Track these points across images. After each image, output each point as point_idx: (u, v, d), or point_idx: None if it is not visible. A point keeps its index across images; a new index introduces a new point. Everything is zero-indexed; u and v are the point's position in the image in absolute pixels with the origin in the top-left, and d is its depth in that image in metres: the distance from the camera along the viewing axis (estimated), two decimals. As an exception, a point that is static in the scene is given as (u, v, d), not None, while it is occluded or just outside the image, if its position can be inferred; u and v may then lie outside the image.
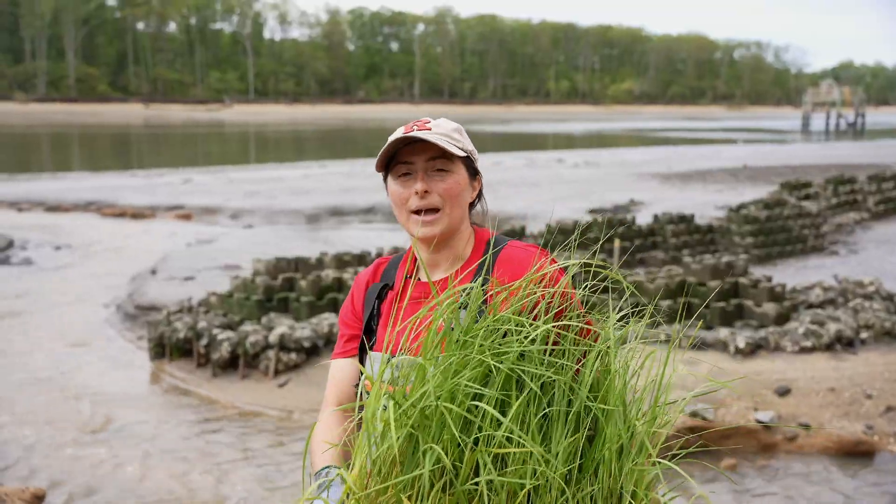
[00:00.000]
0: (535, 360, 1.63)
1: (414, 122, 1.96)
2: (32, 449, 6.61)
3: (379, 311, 2.02)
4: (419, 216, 1.92)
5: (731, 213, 14.19)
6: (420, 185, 1.90)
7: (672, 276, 8.72)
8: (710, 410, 6.54)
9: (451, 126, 1.97)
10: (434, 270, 2.00)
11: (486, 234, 2.05)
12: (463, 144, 1.95)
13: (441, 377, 1.57)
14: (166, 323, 8.77)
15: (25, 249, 15.08)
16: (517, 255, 1.94)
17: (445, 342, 1.64)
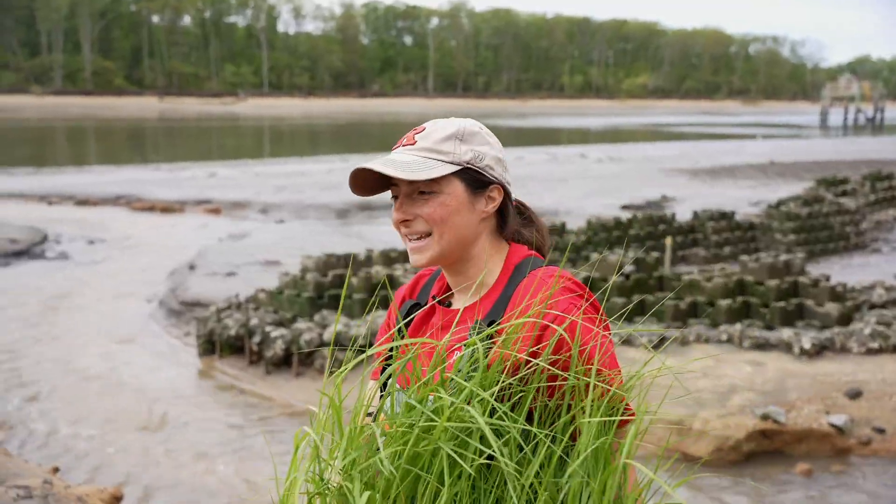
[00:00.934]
0: (479, 436, 1.36)
1: (412, 130, 1.72)
2: (96, 448, 6.56)
3: (405, 334, 1.78)
4: (409, 243, 1.69)
5: (770, 209, 14.04)
6: (396, 215, 1.68)
7: (729, 275, 8.59)
8: (781, 413, 6.42)
9: (443, 133, 1.67)
10: (461, 295, 1.74)
11: (519, 255, 1.72)
12: (455, 156, 1.65)
13: (362, 451, 1.40)
14: (216, 319, 8.70)
15: (60, 243, 15.06)
16: (538, 287, 1.58)
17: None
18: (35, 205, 19.80)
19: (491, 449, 1.34)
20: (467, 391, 1.38)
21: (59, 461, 6.19)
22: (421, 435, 1.36)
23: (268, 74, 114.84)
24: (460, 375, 1.42)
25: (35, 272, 12.83)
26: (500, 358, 1.44)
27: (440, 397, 1.38)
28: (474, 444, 1.35)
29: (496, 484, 1.39)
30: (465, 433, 1.36)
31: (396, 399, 1.56)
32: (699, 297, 8.35)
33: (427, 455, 1.36)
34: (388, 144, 24.19)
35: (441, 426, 1.34)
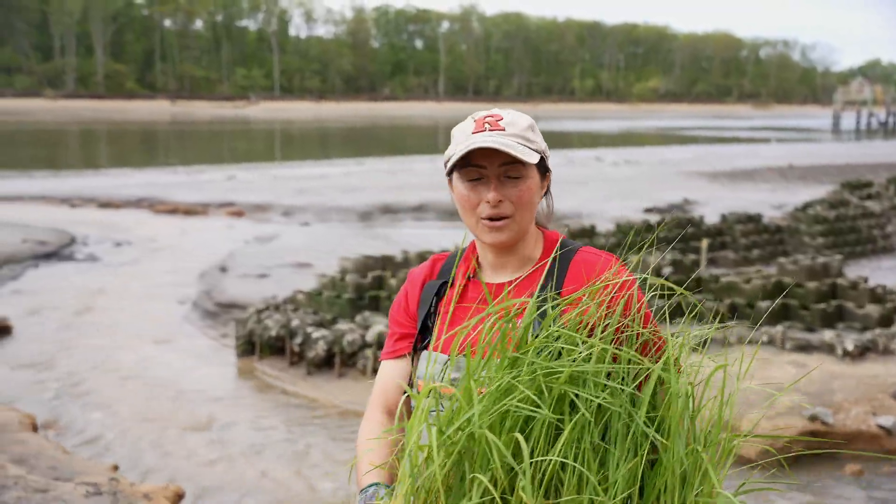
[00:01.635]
0: (591, 382, 1.52)
1: (485, 115, 1.83)
2: (146, 447, 6.61)
3: (436, 309, 1.90)
4: (489, 222, 1.80)
5: (797, 212, 14.04)
6: (493, 196, 1.78)
7: (767, 277, 8.61)
8: (829, 415, 6.44)
9: (524, 123, 1.82)
10: (500, 272, 1.88)
11: (555, 235, 1.93)
12: (537, 144, 1.81)
13: (489, 400, 1.48)
14: (256, 320, 8.75)
15: (87, 245, 15.15)
16: (592, 262, 1.81)
17: (497, 358, 1.55)
18: (57, 207, 19.91)
19: (603, 393, 1.51)
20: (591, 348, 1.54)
21: (111, 460, 6.24)
22: (541, 381, 1.49)
23: (279, 78, 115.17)
24: (556, 331, 1.57)
25: (66, 274, 12.91)
26: (575, 315, 1.60)
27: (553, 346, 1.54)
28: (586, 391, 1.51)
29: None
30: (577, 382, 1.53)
31: (459, 365, 1.73)
32: (738, 299, 8.38)
33: (552, 397, 1.49)
34: (401, 148, 24.59)
35: (567, 371, 1.48)
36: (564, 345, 1.53)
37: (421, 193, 20.13)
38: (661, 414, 1.55)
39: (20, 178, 25.86)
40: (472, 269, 1.91)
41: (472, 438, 1.47)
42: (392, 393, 1.93)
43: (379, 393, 1.96)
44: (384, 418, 1.92)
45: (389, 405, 1.93)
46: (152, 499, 4.90)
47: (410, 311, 1.95)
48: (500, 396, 1.48)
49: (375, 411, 1.94)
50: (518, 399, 1.46)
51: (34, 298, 11.27)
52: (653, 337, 1.69)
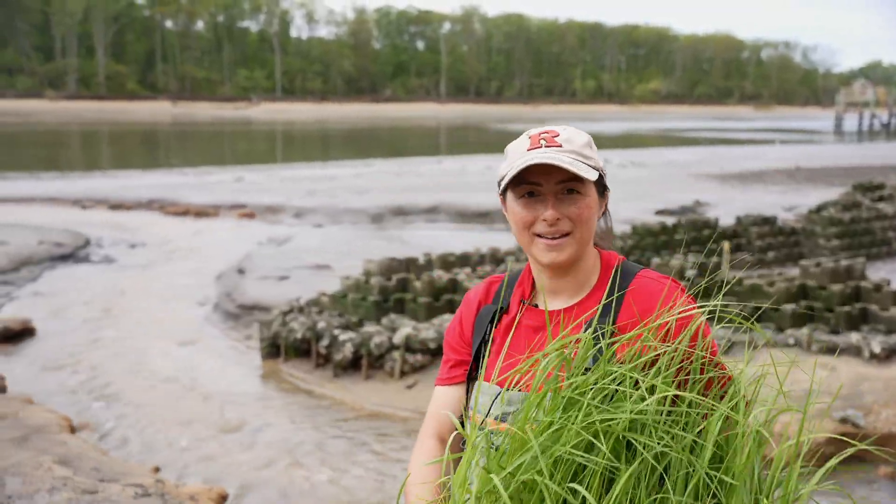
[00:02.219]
0: (650, 427, 1.44)
1: (541, 132, 1.75)
2: (180, 448, 6.65)
3: (491, 336, 1.83)
4: (544, 240, 1.72)
5: (812, 214, 14.07)
6: (551, 213, 1.70)
7: (790, 280, 8.65)
8: (860, 417, 6.48)
9: (582, 140, 1.74)
10: (555, 298, 1.80)
11: (613, 258, 1.83)
12: (595, 162, 1.74)
13: (541, 445, 1.41)
14: (281, 322, 8.79)
15: (102, 247, 15.19)
16: (652, 289, 1.71)
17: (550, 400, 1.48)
18: (68, 209, 19.94)
19: (663, 440, 1.43)
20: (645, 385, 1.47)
21: (147, 462, 6.28)
22: (596, 426, 1.42)
23: (280, 79, 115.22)
24: (611, 370, 1.50)
25: (83, 275, 12.94)
26: (633, 352, 1.55)
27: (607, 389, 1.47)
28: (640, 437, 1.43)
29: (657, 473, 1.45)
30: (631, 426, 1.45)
31: (511, 398, 1.67)
32: (763, 302, 8.41)
33: (607, 444, 1.41)
34: (406, 149, 24.68)
35: (626, 418, 1.41)
36: (621, 387, 1.46)
37: (432, 195, 20.16)
38: (726, 463, 1.46)
39: (28, 179, 25.89)
40: (526, 293, 1.85)
41: (524, 485, 1.42)
42: (444, 420, 1.88)
43: (432, 419, 1.92)
44: (436, 445, 1.89)
45: (441, 432, 1.89)
46: (198, 500, 4.93)
47: (465, 336, 1.90)
48: (554, 441, 1.42)
49: (428, 438, 1.90)
50: (572, 445, 1.40)
51: (55, 300, 11.30)
52: (717, 373, 1.60)
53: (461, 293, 8.90)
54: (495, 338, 1.82)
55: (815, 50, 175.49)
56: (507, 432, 1.47)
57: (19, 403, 6.52)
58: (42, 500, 4.62)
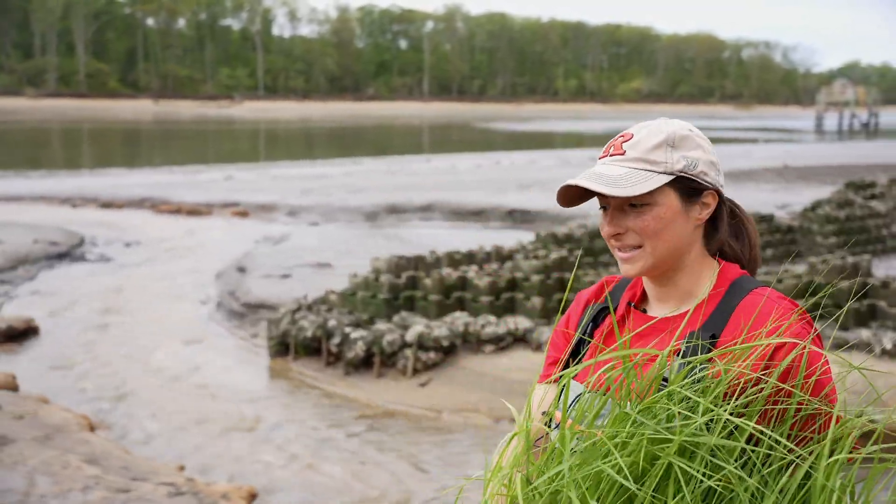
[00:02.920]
0: (703, 457, 1.29)
1: (620, 135, 1.64)
2: (200, 448, 6.61)
3: (591, 335, 1.75)
4: (618, 253, 1.63)
5: (808, 212, 14.18)
6: (608, 230, 1.61)
7: (798, 277, 8.72)
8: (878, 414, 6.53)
9: (654, 140, 1.59)
10: (661, 304, 1.69)
11: (734, 271, 1.65)
12: (668, 165, 1.57)
13: (583, 456, 1.32)
14: (290, 321, 8.75)
15: (97, 246, 15.08)
16: (764, 309, 1.53)
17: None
18: (59, 207, 19.78)
19: (723, 468, 1.28)
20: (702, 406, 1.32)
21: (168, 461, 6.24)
22: (648, 447, 1.29)
23: (263, 77, 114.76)
24: (685, 386, 1.36)
25: (81, 274, 12.85)
26: (725, 375, 1.38)
27: (668, 409, 1.33)
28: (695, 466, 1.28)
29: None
30: (690, 451, 1.30)
31: (587, 401, 1.53)
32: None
33: (658, 468, 1.29)
34: (392, 148, 24.74)
35: (677, 440, 1.27)
36: (681, 409, 1.32)
37: (425, 194, 20.16)
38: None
39: (14, 178, 25.66)
40: (636, 296, 1.74)
41: (557, 496, 1.32)
42: (538, 417, 1.81)
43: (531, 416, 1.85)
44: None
45: (533, 430, 1.79)
46: (230, 498, 4.91)
47: (568, 334, 1.82)
48: (600, 455, 1.31)
49: None
50: (616, 463, 1.28)
51: (54, 299, 11.21)
52: (820, 412, 1.43)
53: (471, 291, 8.91)
54: (595, 336, 1.74)
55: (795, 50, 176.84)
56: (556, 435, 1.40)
57: (35, 403, 6.48)
58: (76, 498, 4.59)
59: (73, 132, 54.61)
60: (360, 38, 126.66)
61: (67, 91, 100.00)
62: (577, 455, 1.32)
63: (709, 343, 1.50)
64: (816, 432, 1.41)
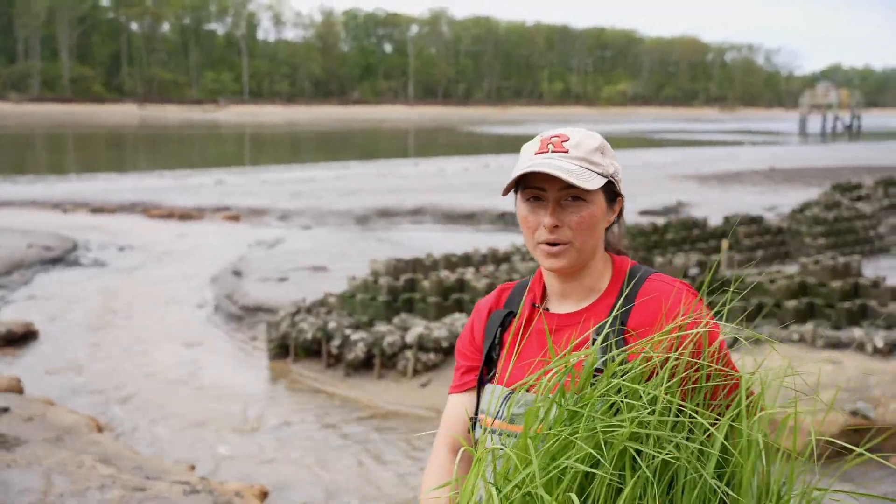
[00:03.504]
0: (653, 437, 1.41)
1: (552, 135, 1.73)
2: (207, 449, 6.68)
3: (501, 340, 1.81)
4: (545, 247, 1.70)
5: (797, 214, 14.37)
6: (549, 220, 1.68)
7: (791, 277, 8.87)
8: (870, 409, 6.68)
9: (592, 145, 1.70)
10: (565, 301, 1.78)
11: (626, 262, 1.79)
12: (604, 168, 1.70)
13: (545, 457, 1.40)
14: (290, 323, 8.84)
15: (90, 251, 15.09)
16: (659, 290, 1.69)
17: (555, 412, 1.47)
18: (50, 212, 19.76)
19: (667, 448, 1.40)
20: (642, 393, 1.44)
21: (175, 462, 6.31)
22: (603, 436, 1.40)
23: (248, 82, 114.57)
24: (619, 376, 1.48)
25: (76, 279, 12.87)
26: (640, 360, 1.50)
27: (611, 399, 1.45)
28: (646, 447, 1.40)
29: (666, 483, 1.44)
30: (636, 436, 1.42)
31: (520, 401, 1.65)
32: (764, 299, 8.63)
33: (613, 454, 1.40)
34: (380, 151, 24.71)
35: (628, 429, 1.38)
36: (625, 399, 1.44)
37: (416, 197, 20.26)
38: (730, 470, 1.45)
39: (2, 182, 25.59)
40: (537, 297, 1.82)
41: (530, 497, 1.40)
42: (457, 428, 1.86)
43: (445, 428, 1.89)
44: (448, 455, 1.86)
45: (454, 441, 1.87)
46: (244, 496, 5.00)
47: (476, 342, 1.87)
48: (558, 452, 1.41)
49: (441, 447, 1.88)
50: (576, 457, 1.38)
51: (52, 303, 11.25)
52: (726, 379, 1.57)
53: (469, 292, 9.02)
54: (505, 341, 1.80)
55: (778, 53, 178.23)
56: (512, 445, 1.47)
57: (42, 405, 6.54)
58: (93, 497, 4.67)
59: (59, 137, 54.39)
60: (344, 42, 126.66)
61: (52, 96, 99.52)
62: (544, 454, 1.40)
63: (619, 330, 1.64)
64: (725, 396, 1.56)
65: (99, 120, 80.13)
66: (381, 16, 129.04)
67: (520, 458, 1.43)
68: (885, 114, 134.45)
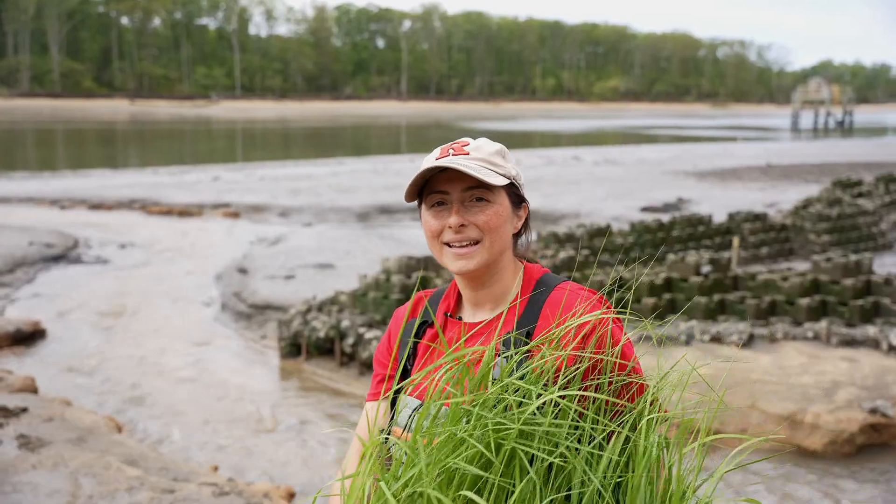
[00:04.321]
0: (541, 437, 1.40)
1: (451, 143, 1.74)
2: (225, 449, 6.64)
3: (415, 350, 1.79)
4: (453, 249, 1.69)
5: (800, 211, 14.39)
6: (454, 220, 1.67)
7: (803, 275, 8.88)
8: (889, 407, 6.69)
9: (492, 148, 1.73)
10: (478, 310, 1.76)
11: (537, 270, 1.78)
12: (506, 170, 1.71)
13: (435, 455, 1.38)
14: (302, 322, 8.80)
15: (91, 248, 15.00)
16: (569, 301, 1.66)
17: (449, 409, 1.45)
18: (47, 209, 19.63)
19: (557, 450, 1.38)
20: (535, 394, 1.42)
21: (195, 462, 6.27)
22: (492, 436, 1.38)
23: (240, 77, 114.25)
24: (514, 377, 1.47)
25: (79, 276, 12.79)
26: (546, 360, 1.50)
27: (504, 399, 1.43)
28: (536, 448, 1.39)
29: (557, 486, 1.42)
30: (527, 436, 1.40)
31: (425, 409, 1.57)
32: (777, 296, 8.63)
33: (503, 455, 1.38)
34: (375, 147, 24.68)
35: (516, 429, 1.36)
36: (517, 397, 1.42)
37: (416, 193, 20.21)
38: (626, 476, 1.43)
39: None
40: (451, 307, 1.80)
41: (419, 497, 1.37)
42: (371, 435, 1.82)
43: (358, 436, 1.86)
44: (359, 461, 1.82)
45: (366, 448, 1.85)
46: (272, 498, 4.97)
47: (392, 351, 1.85)
48: (449, 452, 1.38)
49: (355, 454, 1.83)
50: (465, 456, 1.36)
51: (57, 301, 11.17)
52: (630, 381, 1.56)
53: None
54: (419, 351, 1.79)
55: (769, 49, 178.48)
56: (401, 443, 1.44)
57: (59, 405, 6.49)
58: (123, 499, 4.63)
59: (49, 132, 54.13)
60: (337, 38, 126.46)
61: (41, 91, 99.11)
62: (431, 454, 1.38)
63: (525, 339, 1.61)
64: (630, 401, 1.53)
65: (89, 115, 79.75)
66: (373, 11, 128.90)
67: (411, 456, 1.40)
68: (876, 110, 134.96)
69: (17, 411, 5.96)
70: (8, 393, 6.74)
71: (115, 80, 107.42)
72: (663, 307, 8.80)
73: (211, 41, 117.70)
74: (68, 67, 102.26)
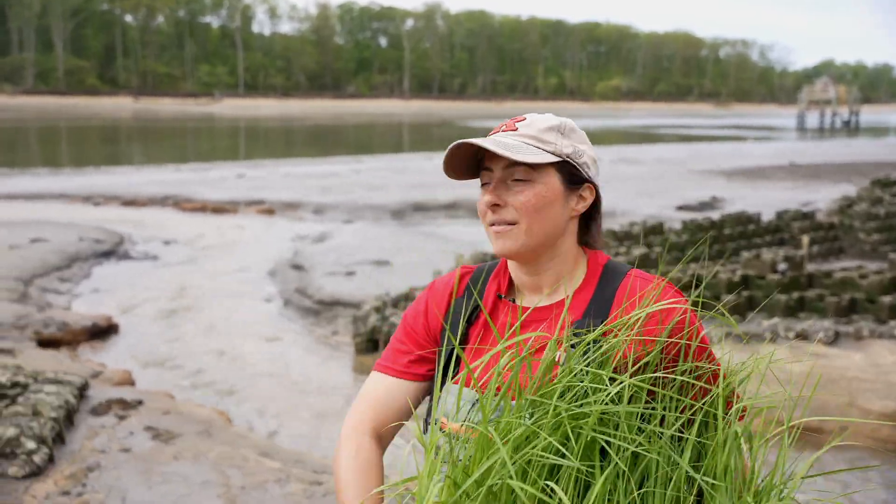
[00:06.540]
0: (623, 425, 1.34)
1: (511, 119, 1.65)
2: (331, 442, 6.67)
3: (467, 333, 1.66)
4: (493, 227, 1.60)
5: (846, 209, 14.43)
6: (488, 198, 1.59)
7: (880, 272, 8.92)
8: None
9: (545, 124, 1.61)
10: (534, 295, 1.65)
11: (602, 258, 1.68)
12: (557, 147, 1.59)
13: (509, 448, 1.29)
14: (381, 318, 8.82)
15: (136, 244, 15.02)
16: (640, 288, 1.58)
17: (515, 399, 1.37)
18: (81, 206, 19.64)
19: (637, 442, 1.34)
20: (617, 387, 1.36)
21: (304, 455, 6.30)
22: (570, 423, 1.33)
23: (243, 75, 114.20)
24: (584, 363, 1.41)
25: (133, 272, 12.80)
26: (627, 355, 1.44)
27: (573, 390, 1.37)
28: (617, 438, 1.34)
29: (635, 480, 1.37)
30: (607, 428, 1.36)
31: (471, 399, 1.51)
32: (857, 294, 8.67)
33: (582, 442, 1.33)
34: (385, 146, 24.69)
35: (595, 416, 1.31)
36: (591, 384, 1.35)
37: (451, 191, 20.22)
38: (706, 462, 1.38)
39: (21, 176, 25.43)
40: (502, 288, 1.69)
41: (492, 493, 1.30)
42: (387, 415, 1.68)
43: (369, 409, 1.70)
44: (372, 445, 1.66)
45: (380, 428, 1.68)
46: (413, 491, 4.99)
47: (432, 330, 1.71)
48: (522, 444, 1.32)
49: (362, 434, 1.67)
50: (541, 447, 1.29)
51: (118, 297, 11.18)
52: (707, 369, 1.50)
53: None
54: (470, 336, 1.66)
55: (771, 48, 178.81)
56: (468, 437, 1.36)
57: (165, 398, 6.51)
58: (274, 491, 4.65)
59: (56, 130, 54.08)
60: (340, 36, 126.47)
61: (46, 88, 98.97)
62: (509, 445, 1.30)
63: (598, 325, 1.52)
64: (705, 390, 1.47)
65: (93, 112, 79.76)
66: (375, 9, 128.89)
67: (480, 451, 1.31)
68: (880, 110, 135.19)
69: (134, 403, 5.98)
70: (110, 386, 6.77)
71: (118, 78, 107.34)
72: (742, 305, 8.84)
73: (214, 39, 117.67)
74: (73, 65, 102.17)
